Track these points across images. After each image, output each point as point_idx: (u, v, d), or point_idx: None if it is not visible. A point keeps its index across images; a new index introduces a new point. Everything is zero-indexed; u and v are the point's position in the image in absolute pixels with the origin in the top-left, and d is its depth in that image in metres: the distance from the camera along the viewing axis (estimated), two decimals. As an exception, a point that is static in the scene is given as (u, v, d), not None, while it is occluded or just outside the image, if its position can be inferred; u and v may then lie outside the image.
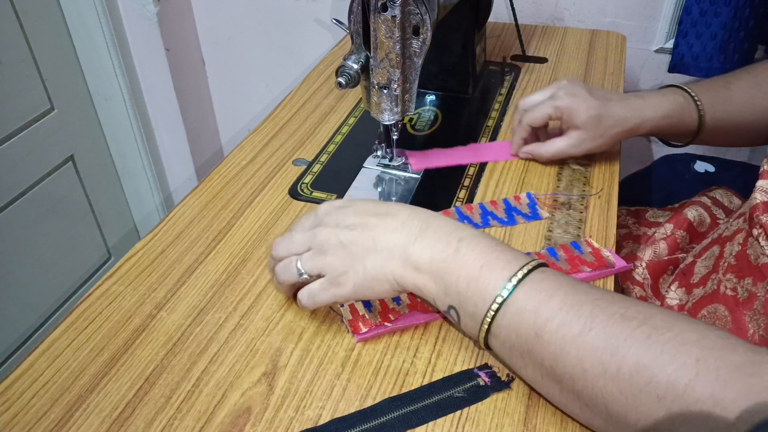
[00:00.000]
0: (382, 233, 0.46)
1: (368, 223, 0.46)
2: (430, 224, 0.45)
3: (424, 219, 0.46)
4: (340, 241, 0.46)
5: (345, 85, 0.59)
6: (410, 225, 0.46)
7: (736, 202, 0.73)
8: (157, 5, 1.23)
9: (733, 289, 0.53)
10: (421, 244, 0.44)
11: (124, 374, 0.46)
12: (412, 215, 0.46)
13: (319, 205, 0.50)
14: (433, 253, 0.44)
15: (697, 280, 0.59)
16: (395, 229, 0.46)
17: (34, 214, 1.22)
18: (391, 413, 0.43)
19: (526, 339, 0.40)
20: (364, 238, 0.46)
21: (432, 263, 0.44)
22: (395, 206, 0.48)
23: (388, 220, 0.46)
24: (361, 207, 0.48)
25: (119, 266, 0.56)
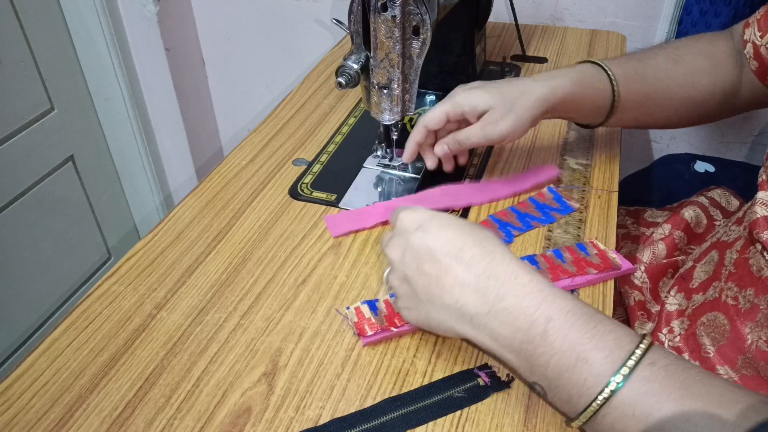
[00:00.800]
0: (452, 287, 0.41)
1: (439, 266, 0.42)
2: (510, 291, 0.40)
3: (503, 279, 0.40)
4: (406, 277, 0.44)
5: (345, 85, 0.59)
6: (485, 290, 0.40)
7: (734, 203, 0.73)
8: (157, 5, 1.23)
9: (734, 298, 0.53)
10: (498, 319, 0.40)
11: (124, 374, 0.46)
12: (490, 270, 0.41)
13: (400, 214, 0.46)
14: (514, 332, 0.39)
15: (697, 285, 0.59)
16: (466, 289, 0.41)
17: (34, 214, 1.22)
18: (391, 413, 0.43)
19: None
20: (430, 286, 0.42)
21: (513, 341, 0.39)
22: (474, 249, 0.42)
23: (461, 272, 0.41)
24: (435, 240, 0.42)
25: (119, 266, 0.56)
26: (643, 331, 0.62)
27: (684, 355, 0.56)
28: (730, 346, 0.52)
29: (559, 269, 0.53)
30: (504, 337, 0.40)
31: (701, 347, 0.55)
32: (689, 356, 0.56)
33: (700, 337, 0.55)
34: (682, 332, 0.57)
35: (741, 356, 0.51)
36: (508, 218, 0.61)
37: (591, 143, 0.73)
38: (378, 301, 0.51)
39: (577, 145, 0.72)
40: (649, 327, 0.61)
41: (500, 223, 0.60)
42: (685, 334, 0.57)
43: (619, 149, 0.72)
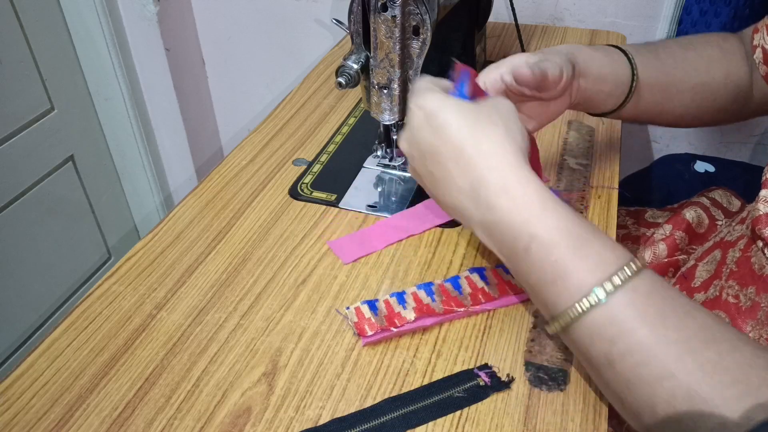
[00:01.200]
0: (451, 189, 0.42)
1: (439, 166, 0.42)
2: (499, 203, 0.40)
3: (494, 190, 0.40)
4: (414, 169, 0.46)
5: (345, 85, 0.59)
6: (477, 193, 0.41)
7: (735, 203, 0.73)
8: (157, 5, 1.23)
9: (736, 296, 0.53)
10: (489, 228, 0.41)
11: (124, 374, 0.46)
12: (485, 176, 0.40)
13: (412, 104, 0.45)
14: (501, 243, 0.40)
15: (699, 284, 0.59)
16: (463, 193, 0.41)
17: (34, 214, 1.22)
18: (391, 413, 0.43)
19: (597, 359, 0.37)
20: (435, 183, 0.44)
21: (501, 249, 0.41)
22: (477, 145, 0.41)
23: (458, 175, 0.41)
24: (438, 137, 0.42)
25: (119, 266, 0.56)
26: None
27: None
28: None
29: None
30: (493, 244, 0.41)
31: None
32: None
33: None
34: None
35: None
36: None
37: (591, 143, 0.73)
38: (378, 301, 0.51)
39: (577, 145, 0.72)
40: None
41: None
42: None
43: (619, 149, 0.72)
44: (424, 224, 0.60)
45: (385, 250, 0.57)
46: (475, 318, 0.50)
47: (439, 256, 0.57)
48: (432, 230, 0.60)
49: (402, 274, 0.55)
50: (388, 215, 0.62)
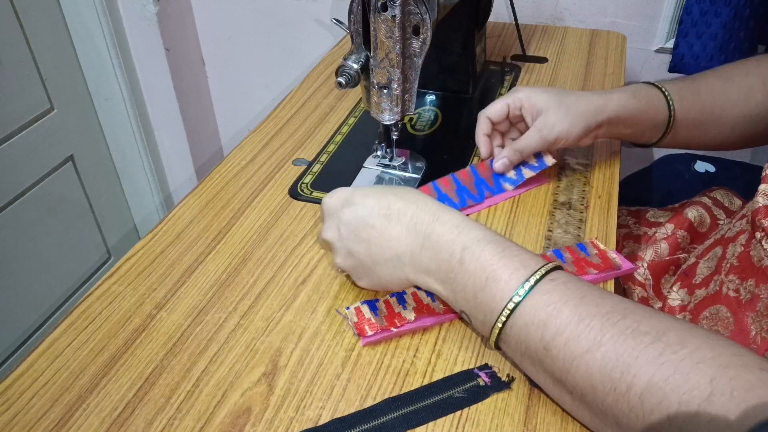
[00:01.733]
0: (388, 241, 0.46)
1: (373, 229, 0.47)
2: (434, 230, 0.45)
3: (428, 223, 0.46)
4: (348, 251, 0.48)
5: (345, 85, 0.59)
6: (414, 232, 0.46)
7: (736, 203, 0.73)
8: (157, 5, 1.23)
9: (736, 290, 0.53)
10: (427, 254, 0.45)
11: (124, 374, 0.46)
12: (416, 217, 0.46)
13: (324, 199, 0.51)
14: (439, 263, 0.45)
15: (700, 280, 0.59)
16: (400, 237, 0.46)
17: (34, 214, 1.22)
18: (391, 413, 0.43)
19: (536, 350, 0.40)
20: (370, 249, 0.47)
21: (439, 272, 0.45)
22: (398, 203, 0.47)
23: (393, 226, 0.46)
24: (363, 209, 0.48)
25: (119, 266, 0.56)
26: None
27: None
28: (733, 338, 0.52)
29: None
30: (434, 271, 0.45)
31: None
32: None
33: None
34: None
35: (745, 348, 0.51)
36: (483, 174, 0.64)
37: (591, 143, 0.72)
38: (378, 301, 0.51)
39: (577, 145, 0.72)
40: None
41: (477, 178, 0.64)
42: None
43: (619, 149, 0.72)
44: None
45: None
46: (475, 318, 0.50)
47: (439, 256, 0.57)
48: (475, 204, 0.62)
49: (402, 274, 0.55)
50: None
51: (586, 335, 0.37)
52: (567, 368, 0.38)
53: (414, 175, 0.68)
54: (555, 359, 0.38)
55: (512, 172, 0.64)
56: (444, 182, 0.63)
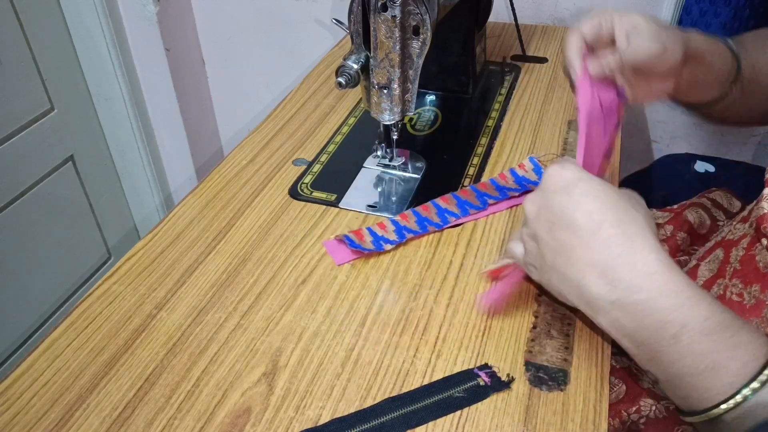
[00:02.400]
0: (578, 260, 0.40)
1: (572, 237, 0.40)
2: (644, 284, 0.38)
3: (639, 271, 0.38)
4: (536, 236, 0.43)
5: (345, 85, 0.59)
6: (616, 271, 0.39)
7: (736, 204, 0.73)
8: (157, 5, 1.23)
9: (740, 294, 0.53)
10: (626, 310, 0.38)
11: (124, 374, 0.46)
12: (622, 259, 0.39)
13: (549, 170, 0.43)
14: (641, 328, 0.38)
15: (702, 284, 0.58)
16: (596, 264, 0.39)
17: (34, 214, 1.22)
18: (391, 413, 0.43)
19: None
20: (557, 252, 0.42)
21: (637, 335, 0.38)
22: (611, 229, 0.40)
23: (594, 247, 0.40)
24: (575, 207, 0.41)
25: (119, 266, 0.56)
26: None
27: None
28: None
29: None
30: (626, 329, 0.38)
31: None
32: None
33: None
34: None
35: None
36: (486, 189, 0.64)
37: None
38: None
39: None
40: None
41: (477, 192, 0.63)
42: None
43: (619, 149, 0.72)
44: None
45: (390, 249, 0.57)
46: (475, 318, 0.50)
47: (440, 256, 0.57)
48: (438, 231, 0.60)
49: (402, 273, 0.55)
50: (388, 215, 0.62)
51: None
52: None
53: (414, 175, 0.68)
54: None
55: (517, 185, 0.64)
56: (444, 199, 0.63)
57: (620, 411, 0.56)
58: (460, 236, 0.59)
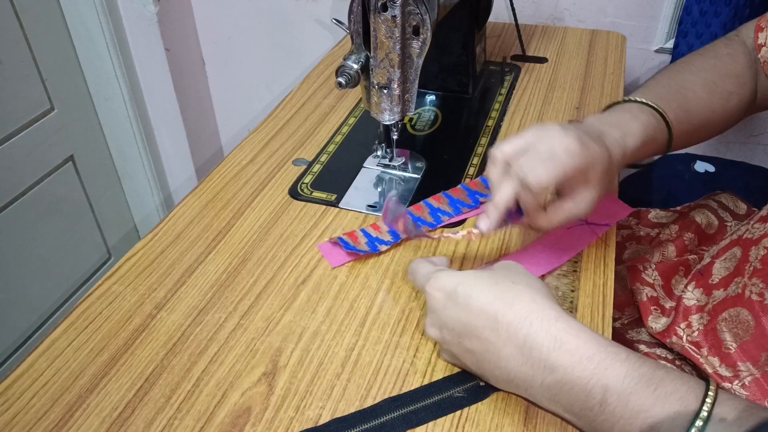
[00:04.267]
0: (498, 361, 0.40)
1: (479, 342, 0.41)
2: (559, 362, 0.37)
3: (549, 351, 0.38)
4: (453, 355, 0.44)
5: (345, 85, 0.59)
6: (531, 360, 0.39)
7: (741, 206, 0.73)
8: (157, 5, 1.23)
9: (760, 294, 0.53)
10: (553, 390, 0.38)
11: (124, 374, 0.46)
12: (531, 340, 0.38)
13: (427, 288, 0.44)
14: (571, 400, 0.38)
15: (717, 281, 0.58)
16: (513, 361, 0.39)
17: (34, 214, 1.22)
18: (391, 413, 0.43)
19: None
20: (478, 361, 0.42)
21: (573, 407, 0.38)
22: (508, 315, 0.40)
23: (503, 345, 0.39)
24: (467, 313, 0.41)
25: (119, 266, 0.56)
26: (658, 325, 0.61)
27: (702, 350, 0.56)
28: (754, 342, 0.52)
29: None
30: (561, 404, 0.38)
31: (722, 343, 0.54)
32: (708, 352, 0.55)
33: (721, 332, 0.55)
34: (701, 327, 0.57)
35: (765, 353, 0.51)
36: (478, 187, 0.64)
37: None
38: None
39: (577, 145, 0.72)
40: (664, 321, 0.61)
41: (469, 191, 0.63)
42: (703, 330, 0.57)
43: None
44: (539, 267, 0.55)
45: (385, 250, 0.57)
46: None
47: (440, 256, 0.57)
48: (432, 230, 0.60)
49: (402, 273, 0.55)
50: None
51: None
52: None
53: (414, 175, 0.68)
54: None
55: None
56: (436, 198, 0.63)
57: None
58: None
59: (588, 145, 0.47)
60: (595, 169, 0.47)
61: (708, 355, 0.55)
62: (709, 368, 0.55)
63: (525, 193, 0.47)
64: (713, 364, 0.55)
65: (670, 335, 0.59)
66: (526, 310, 0.39)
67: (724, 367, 0.54)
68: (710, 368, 0.55)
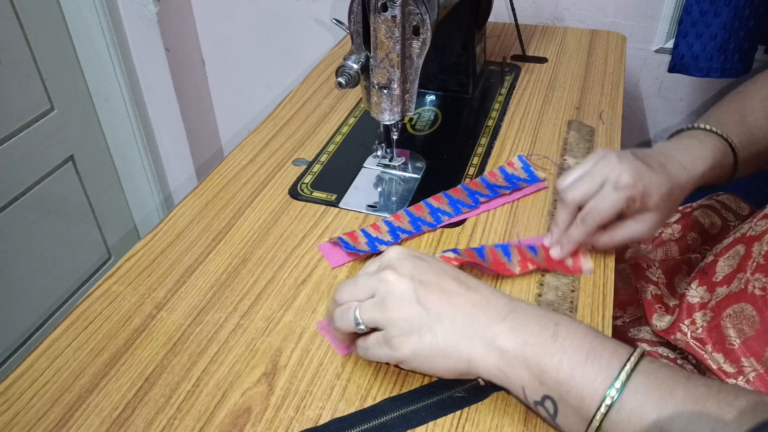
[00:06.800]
0: (464, 304, 0.42)
1: (449, 288, 0.42)
2: (519, 306, 0.42)
3: (511, 299, 0.43)
4: (414, 295, 0.42)
5: (345, 85, 0.59)
6: (496, 303, 0.42)
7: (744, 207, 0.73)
8: (157, 5, 1.23)
9: (763, 288, 0.53)
10: (509, 325, 0.41)
11: (124, 374, 0.46)
12: (497, 294, 0.43)
13: (389, 248, 0.45)
14: (527, 336, 0.40)
15: (720, 278, 0.58)
16: (479, 304, 0.42)
17: (34, 214, 1.22)
18: (392, 413, 0.43)
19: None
20: (442, 301, 0.42)
21: (525, 347, 0.40)
22: (475, 281, 0.44)
23: (471, 292, 0.43)
24: (440, 266, 0.44)
25: (119, 266, 0.56)
26: (662, 323, 0.62)
27: (707, 347, 0.56)
28: (757, 338, 0.52)
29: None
30: (515, 346, 0.40)
31: (726, 339, 0.54)
32: (712, 348, 0.55)
33: (725, 328, 0.55)
34: (705, 324, 0.57)
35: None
36: (477, 187, 0.64)
37: (591, 143, 0.73)
38: None
39: (577, 145, 0.72)
40: (668, 319, 0.61)
41: (469, 191, 0.64)
42: (707, 326, 0.57)
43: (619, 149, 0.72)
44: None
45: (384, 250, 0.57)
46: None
47: (439, 256, 0.57)
48: (432, 230, 0.60)
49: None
50: (388, 215, 0.62)
51: (703, 423, 0.34)
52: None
53: (414, 175, 0.68)
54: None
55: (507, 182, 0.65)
56: (436, 198, 0.63)
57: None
58: (460, 236, 0.59)
59: (643, 174, 0.50)
60: (652, 197, 0.51)
61: (713, 351, 0.55)
62: (713, 364, 0.55)
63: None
64: (717, 361, 0.55)
65: (675, 332, 0.59)
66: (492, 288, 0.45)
67: (729, 363, 0.54)
68: (714, 364, 0.55)
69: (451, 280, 0.43)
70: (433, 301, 0.42)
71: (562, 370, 0.38)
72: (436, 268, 0.44)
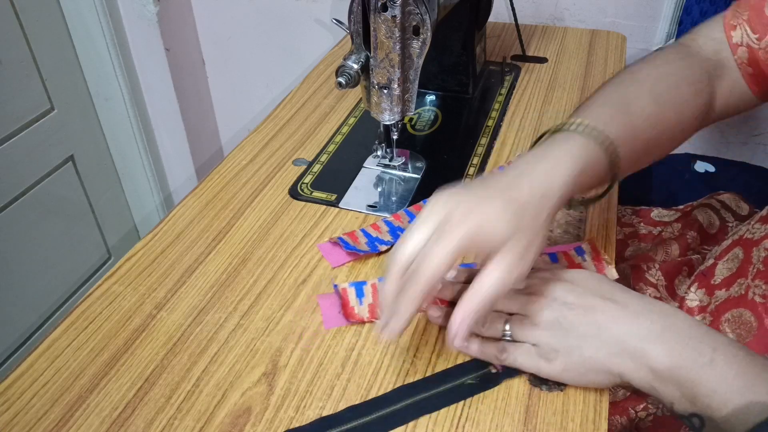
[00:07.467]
0: (608, 322, 0.42)
1: (591, 305, 0.43)
2: (673, 323, 0.41)
3: (663, 314, 0.41)
4: (557, 319, 0.43)
5: (345, 85, 0.59)
6: (646, 318, 0.41)
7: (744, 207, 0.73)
8: (157, 5, 1.23)
9: (763, 296, 0.53)
10: (663, 348, 0.40)
11: (124, 374, 0.46)
12: (647, 307, 0.42)
13: (550, 271, 0.46)
14: (682, 361, 0.39)
15: (719, 281, 0.58)
16: (625, 320, 0.42)
17: (34, 214, 1.22)
18: (404, 401, 0.43)
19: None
20: (585, 322, 0.42)
21: (679, 370, 0.39)
22: (623, 292, 0.43)
23: (616, 308, 0.42)
24: (584, 282, 0.44)
25: (119, 266, 0.56)
26: None
27: None
28: (756, 342, 0.52)
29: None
30: (666, 368, 0.39)
31: None
32: None
33: (724, 333, 0.55)
34: None
35: (767, 354, 0.51)
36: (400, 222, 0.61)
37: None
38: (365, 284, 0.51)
39: (577, 145, 0.72)
40: None
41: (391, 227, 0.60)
42: None
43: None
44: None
45: (385, 250, 0.57)
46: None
47: (439, 256, 0.57)
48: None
49: (402, 274, 0.55)
50: (388, 215, 0.62)
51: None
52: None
53: (414, 175, 0.68)
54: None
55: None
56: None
57: (627, 409, 0.56)
58: (460, 236, 0.59)
59: (473, 209, 0.40)
60: (494, 232, 0.39)
61: None
62: None
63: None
64: None
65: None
66: (643, 297, 0.44)
67: None
68: None
69: (593, 297, 0.43)
70: (575, 323, 0.43)
71: (716, 399, 0.38)
72: (581, 285, 0.44)
